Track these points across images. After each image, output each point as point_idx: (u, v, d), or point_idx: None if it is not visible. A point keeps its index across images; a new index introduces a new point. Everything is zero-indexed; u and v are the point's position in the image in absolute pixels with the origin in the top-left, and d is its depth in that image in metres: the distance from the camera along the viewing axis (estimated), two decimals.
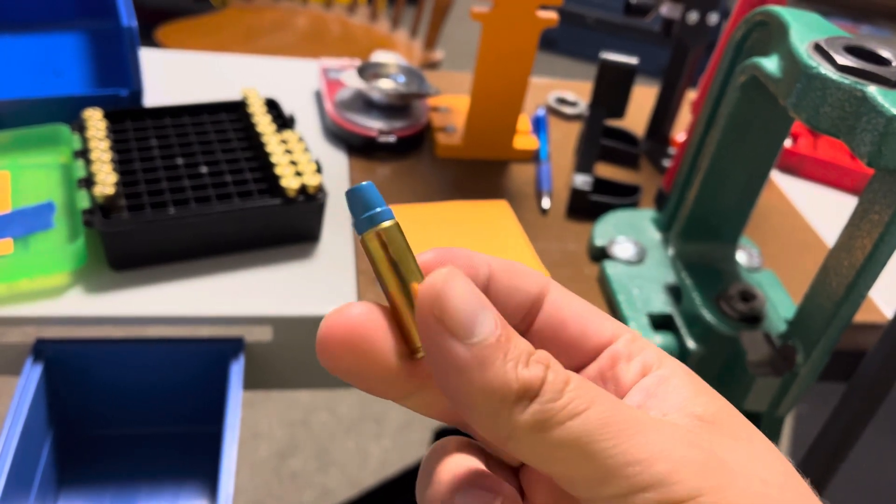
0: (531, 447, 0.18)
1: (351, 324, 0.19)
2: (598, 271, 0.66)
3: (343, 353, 0.19)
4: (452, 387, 0.18)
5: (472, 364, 0.18)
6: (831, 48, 0.43)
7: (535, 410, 0.18)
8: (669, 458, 0.18)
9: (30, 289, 0.57)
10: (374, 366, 0.19)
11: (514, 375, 0.18)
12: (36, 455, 0.57)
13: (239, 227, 0.62)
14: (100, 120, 0.66)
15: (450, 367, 0.18)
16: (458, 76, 0.94)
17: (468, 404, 0.18)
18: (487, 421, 0.18)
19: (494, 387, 0.18)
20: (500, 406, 0.18)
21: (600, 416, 0.18)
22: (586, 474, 0.18)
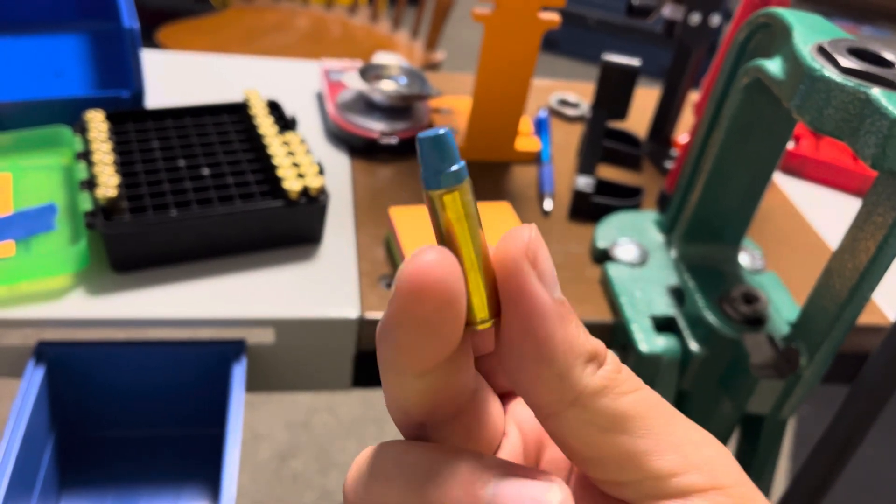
0: (593, 415, 0.18)
1: (449, 269, 0.17)
2: (600, 273, 0.66)
3: (438, 295, 0.17)
4: (536, 335, 0.18)
5: (556, 316, 0.18)
6: (835, 50, 0.43)
7: (602, 375, 0.18)
8: (716, 447, 0.19)
9: (31, 291, 0.57)
10: (451, 320, 0.17)
11: (586, 339, 0.19)
12: (38, 457, 0.56)
13: (241, 228, 0.62)
14: (101, 121, 0.66)
15: (537, 314, 0.18)
16: (460, 77, 0.94)
17: (545, 356, 0.18)
18: (558, 378, 0.18)
19: (574, 342, 0.18)
20: (574, 362, 0.18)
21: (652, 397, 0.19)
22: (637, 449, 0.18)
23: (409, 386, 0.19)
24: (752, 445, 0.61)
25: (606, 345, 0.66)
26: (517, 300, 0.18)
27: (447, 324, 0.17)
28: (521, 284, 0.18)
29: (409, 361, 0.18)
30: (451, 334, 0.18)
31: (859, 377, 0.56)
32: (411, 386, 0.19)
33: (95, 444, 0.63)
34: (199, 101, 0.74)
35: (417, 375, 0.19)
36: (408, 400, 0.20)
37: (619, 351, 0.62)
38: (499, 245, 0.18)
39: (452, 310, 0.17)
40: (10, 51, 0.81)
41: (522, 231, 0.18)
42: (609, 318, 0.63)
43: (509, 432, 0.23)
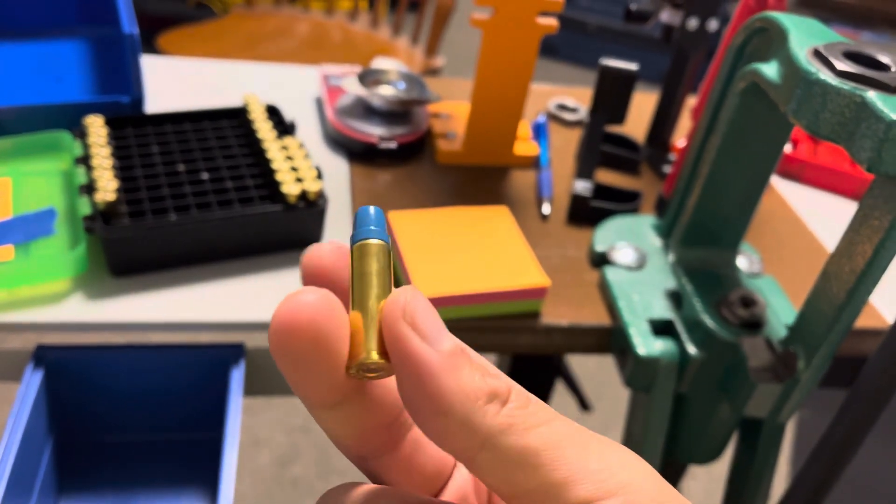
0: (503, 454, 0.18)
1: (321, 310, 0.18)
2: (598, 277, 0.66)
3: (307, 336, 0.18)
4: (425, 391, 0.18)
5: (445, 368, 0.18)
6: (830, 54, 0.43)
7: (506, 413, 0.19)
8: (633, 468, 0.19)
9: (31, 295, 0.57)
10: (329, 358, 0.18)
11: (483, 381, 0.19)
12: (36, 461, 0.56)
13: (240, 233, 0.62)
14: (101, 127, 0.66)
15: (423, 371, 0.18)
16: (459, 83, 0.94)
17: (441, 409, 0.18)
18: (460, 426, 0.18)
19: (468, 389, 0.18)
20: (474, 408, 0.18)
21: (563, 427, 0.19)
22: (552, 481, 0.18)
23: (321, 417, 0.20)
24: (750, 449, 0.61)
25: (604, 349, 0.66)
26: (404, 361, 0.18)
27: (320, 363, 0.18)
28: (402, 347, 0.18)
29: (302, 394, 0.19)
30: (327, 373, 0.18)
31: (857, 381, 0.56)
32: (323, 417, 0.20)
33: (94, 448, 0.63)
34: (198, 106, 0.74)
35: (319, 409, 0.19)
36: (330, 430, 0.20)
37: (617, 355, 0.62)
38: (384, 312, 0.19)
39: (322, 349, 0.18)
40: (11, 56, 0.82)
41: (399, 295, 0.19)
42: (607, 322, 0.63)
43: (459, 467, 0.23)
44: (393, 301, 0.19)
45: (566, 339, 0.63)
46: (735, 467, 0.62)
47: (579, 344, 0.64)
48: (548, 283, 0.61)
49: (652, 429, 0.59)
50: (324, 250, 0.20)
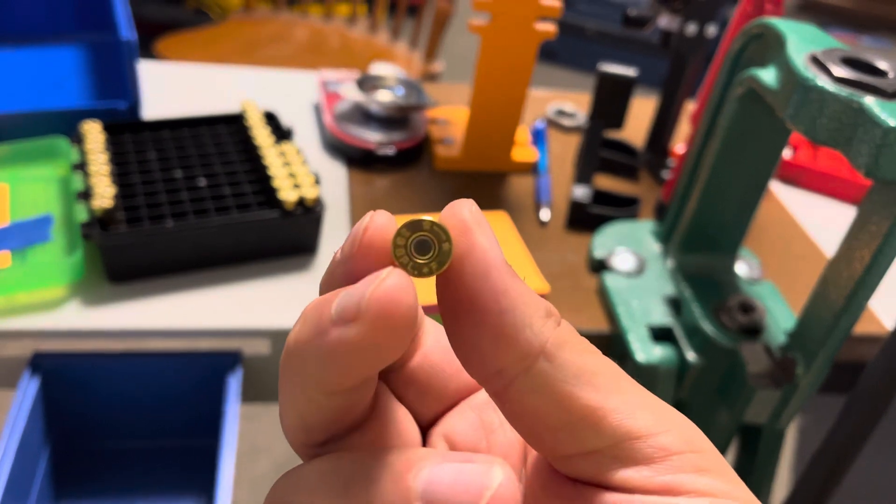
0: (560, 368, 0.17)
1: (414, 294, 0.16)
2: (597, 283, 0.66)
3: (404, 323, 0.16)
4: (491, 284, 0.17)
5: (510, 271, 0.17)
6: (828, 60, 0.43)
7: (564, 330, 0.18)
8: (675, 410, 0.18)
9: (27, 302, 0.57)
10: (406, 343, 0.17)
11: (539, 298, 0.18)
12: (33, 469, 0.56)
13: (237, 239, 0.62)
14: (98, 133, 0.66)
15: (490, 263, 0.17)
16: (458, 88, 0.94)
17: (505, 306, 0.17)
18: (521, 328, 0.17)
19: (530, 297, 0.17)
20: (535, 313, 0.17)
21: (610, 361, 0.18)
22: (608, 406, 0.17)
23: (323, 403, 0.18)
24: (750, 455, 0.60)
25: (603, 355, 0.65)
26: (468, 255, 0.17)
27: (402, 347, 0.16)
28: (471, 240, 0.17)
29: (339, 381, 0.17)
30: (398, 354, 0.17)
31: (857, 387, 0.56)
32: (325, 403, 0.18)
33: (91, 455, 0.63)
34: (196, 112, 0.74)
35: (341, 392, 0.17)
36: (315, 417, 0.18)
37: (616, 361, 0.62)
38: (443, 215, 0.18)
39: (411, 334, 0.17)
40: (8, 62, 0.82)
41: (463, 202, 0.18)
42: (606, 328, 0.63)
43: (437, 446, 0.21)
44: (459, 204, 0.18)
45: None
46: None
47: None
48: (547, 290, 0.60)
49: None
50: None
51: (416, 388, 0.21)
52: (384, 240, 0.17)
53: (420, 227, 0.17)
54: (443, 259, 0.17)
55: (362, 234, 0.17)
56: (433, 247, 0.17)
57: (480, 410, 0.22)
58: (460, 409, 0.22)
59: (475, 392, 0.23)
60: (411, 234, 0.17)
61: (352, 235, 0.18)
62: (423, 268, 0.17)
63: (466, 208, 0.18)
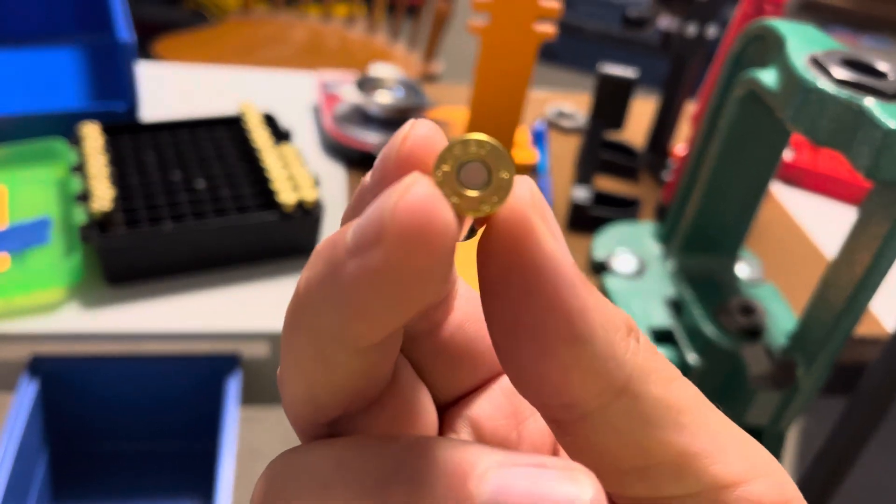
0: (644, 406, 0.14)
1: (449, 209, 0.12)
2: (597, 285, 0.66)
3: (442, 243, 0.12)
4: (566, 309, 0.13)
5: (583, 282, 0.14)
6: (828, 61, 0.43)
7: (647, 353, 0.14)
8: (762, 447, 0.15)
9: (26, 305, 0.57)
10: (447, 272, 0.13)
11: (615, 307, 0.15)
12: (32, 471, 0.56)
13: (236, 241, 0.62)
14: (97, 135, 0.66)
15: (563, 282, 0.13)
16: (457, 89, 0.94)
17: (581, 333, 0.13)
18: (602, 359, 0.14)
19: (609, 312, 0.14)
20: (615, 336, 0.14)
21: (691, 386, 0.15)
22: (694, 451, 0.14)
23: (340, 366, 0.14)
24: None
25: None
26: (533, 267, 0.13)
27: (440, 280, 0.13)
28: (535, 247, 0.13)
29: (362, 331, 0.13)
30: (439, 289, 0.13)
31: (858, 389, 0.56)
32: (343, 365, 0.14)
33: (90, 458, 0.63)
34: (195, 112, 0.74)
35: (363, 350, 0.14)
36: (328, 387, 0.15)
37: None
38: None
39: (450, 262, 0.13)
40: (6, 64, 0.82)
41: (521, 182, 0.14)
42: None
43: (460, 431, 0.18)
44: (517, 189, 0.14)
45: None
46: None
47: None
48: None
49: None
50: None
51: (443, 361, 0.18)
52: (429, 156, 0.13)
53: (471, 148, 0.13)
54: (502, 194, 0.13)
55: (399, 146, 0.14)
56: (489, 177, 0.13)
57: (512, 396, 0.19)
58: (489, 390, 0.19)
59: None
60: (460, 157, 0.13)
61: (385, 151, 0.14)
62: (478, 203, 0.13)
63: (526, 191, 0.14)
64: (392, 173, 0.14)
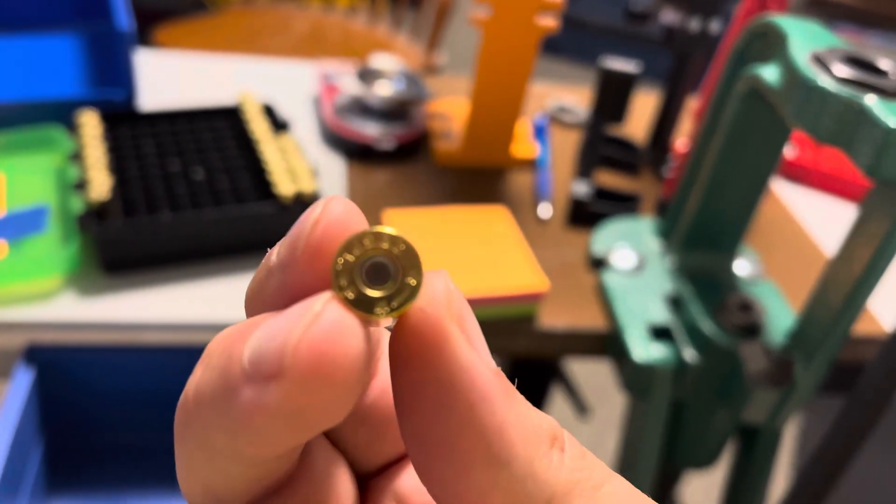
0: None
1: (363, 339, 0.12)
2: (596, 280, 0.66)
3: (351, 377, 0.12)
4: (482, 427, 0.12)
5: (503, 395, 0.13)
6: (830, 59, 0.42)
7: (571, 465, 0.13)
8: None
9: (23, 292, 0.57)
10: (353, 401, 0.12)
11: (536, 415, 0.13)
12: (27, 460, 0.56)
13: (234, 232, 0.62)
14: (95, 123, 0.66)
15: (479, 397, 0.12)
16: (459, 81, 0.94)
17: (502, 454, 0.12)
18: (522, 480, 0.13)
19: (531, 426, 0.13)
20: (537, 453, 0.13)
21: (625, 487, 0.14)
22: None
23: (234, 475, 0.13)
24: (747, 455, 0.60)
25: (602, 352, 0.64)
26: (446, 380, 0.12)
27: (344, 411, 0.12)
28: (448, 357, 0.12)
29: (254, 454, 0.12)
30: (339, 419, 0.12)
31: (856, 387, 0.55)
32: (237, 474, 0.13)
33: (86, 448, 0.63)
34: (194, 101, 0.73)
35: (254, 466, 0.13)
36: (225, 488, 0.14)
37: (614, 359, 0.61)
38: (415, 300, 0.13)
39: (357, 393, 0.12)
40: (4, 51, 0.81)
41: (435, 278, 0.13)
42: (603, 327, 0.62)
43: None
44: (431, 289, 0.13)
45: (563, 343, 0.63)
46: (732, 473, 0.62)
47: (576, 348, 0.63)
48: (546, 288, 0.60)
49: (649, 434, 0.58)
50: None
51: (366, 431, 0.16)
52: (341, 241, 0.13)
53: (382, 243, 0.12)
54: (405, 298, 0.12)
55: (310, 230, 0.13)
56: (392, 276, 0.12)
57: None
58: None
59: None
60: (364, 251, 0.12)
61: (295, 230, 0.13)
62: (375, 304, 0.12)
63: (441, 289, 0.13)
64: (299, 260, 0.13)
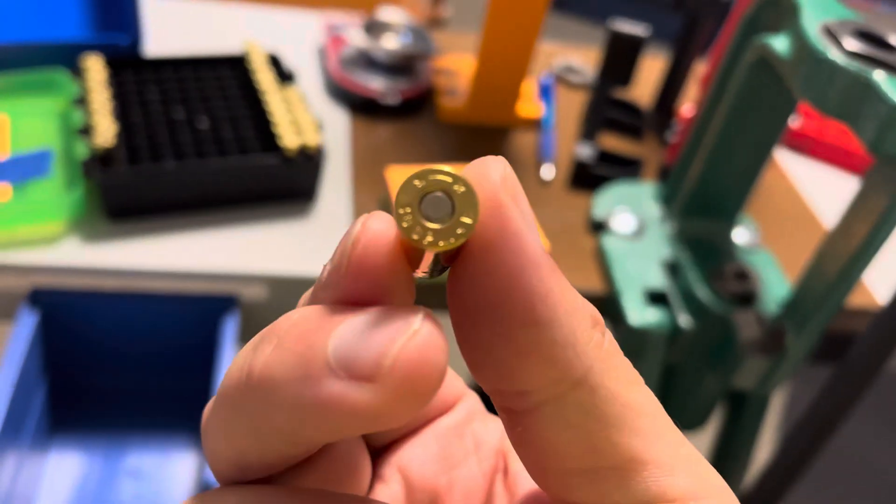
0: (601, 400, 0.14)
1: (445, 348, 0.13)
2: (595, 243, 0.67)
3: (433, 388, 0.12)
4: (531, 291, 0.13)
5: (551, 267, 0.13)
6: (841, 32, 0.42)
7: (609, 345, 0.14)
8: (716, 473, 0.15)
9: (27, 236, 0.57)
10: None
11: (583, 301, 0.14)
12: (30, 400, 0.57)
13: (237, 182, 0.62)
14: (100, 68, 0.65)
15: (529, 263, 0.13)
16: (466, 37, 0.93)
17: (546, 317, 0.13)
18: (563, 344, 0.13)
19: (574, 300, 0.14)
20: (580, 325, 0.14)
21: (651, 395, 0.15)
22: (646, 458, 0.14)
23: (278, 450, 0.14)
24: (735, 419, 0.62)
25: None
26: (498, 244, 0.13)
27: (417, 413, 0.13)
28: (504, 225, 0.13)
29: (315, 437, 0.13)
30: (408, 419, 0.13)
31: (845, 358, 0.56)
32: (281, 450, 0.14)
33: (87, 390, 0.64)
34: (199, 49, 0.73)
35: (304, 445, 0.14)
36: (260, 459, 0.14)
37: (608, 323, 0.62)
38: (467, 174, 0.14)
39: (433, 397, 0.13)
40: None
41: (494, 161, 0.14)
42: (600, 289, 0.63)
43: (389, 480, 0.18)
44: (488, 168, 0.13)
45: None
46: (719, 436, 0.63)
47: None
48: (546, 248, 0.61)
49: None
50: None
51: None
52: (383, 256, 0.13)
53: (436, 180, 0.13)
54: (462, 234, 0.13)
55: (351, 250, 0.13)
56: (451, 211, 0.13)
57: (444, 440, 0.19)
58: (422, 435, 0.19)
59: (441, 416, 0.20)
60: (423, 188, 0.13)
61: (339, 251, 0.14)
62: (439, 238, 0.13)
63: (498, 170, 0.13)
64: (345, 278, 0.13)
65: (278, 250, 0.61)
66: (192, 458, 0.62)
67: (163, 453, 0.62)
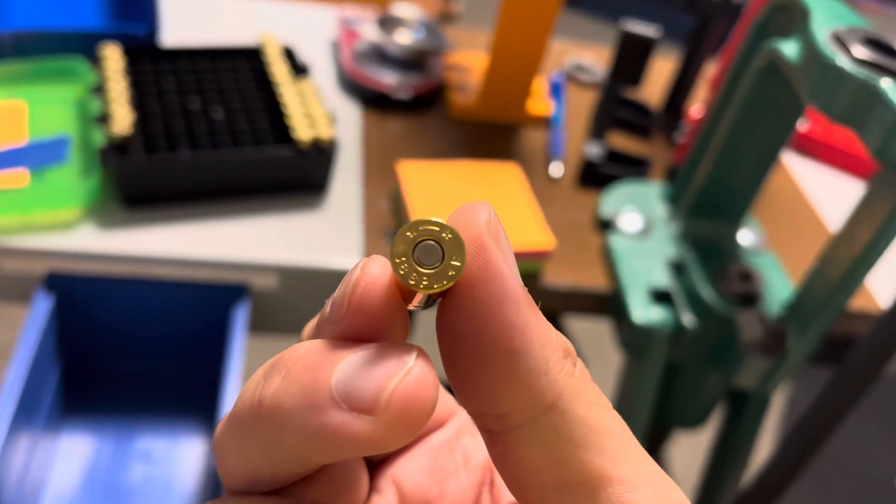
0: (570, 424, 0.15)
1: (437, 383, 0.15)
2: (602, 242, 0.67)
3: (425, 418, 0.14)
4: (506, 320, 0.15)
5: (528, 302, 0.15)
6: (850, 39, 0.43)
7: (580, 377, 0.15)
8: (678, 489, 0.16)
9: (44, 221, 0.58)
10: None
11: (557, 334, 0.16)
12: (44, 383, 0.58)
13: (251, 173, 0.63)
14: (118, 57, 0.66)
15: (507, 294, 0.15)
16: (478, 34, 0.93)
17: (519, 347, 0.15)
18: (535, 374, 0.15)
19: (548, 334, 0.15)
20: (552, 355, 0.15)
21: (618, 417, 0.16)
22: (613, 476, 0.15)
23: (286, 468, 0.16)
24: (735, 418, 0.62)
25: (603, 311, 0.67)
26: (481, 281, 0.15)
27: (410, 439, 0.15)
28: (486, 262, 0.15)
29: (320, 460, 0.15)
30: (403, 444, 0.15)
31: (845, 360, 0.57)
32: (294, 469, 0.16)
33: (100, 375, 0.65)
34: (214, 40, 0.74)
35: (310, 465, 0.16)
36: (269, 476, 0.16)
37: (614, 319, 0.63)
38: (454, 220, 0.15)
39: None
40: None
41: (479, 207, 0.15)
42: (605, 287, 0.64)
43: (385, 491, 0.20)
44: (474, 212, 0.15)
45: (566, 300, 0.64)
46: (719, 435, 0.64)
47: (578, 306, 0.65)
48: (553, 246, 0.61)
49: (642, 393, 0.60)
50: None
51: None
52: (380, 297, 0.15)
53: (427, 230, 0.15)
54: (452, 276, 0.15)
55: (351, 292, 0.15)
56: (441, 257, 0.15)
57: (435, 454, 0.21)
58: (415, 450, 0.21)
59: (433, 433, 0.21)
60: (415, 238, 0.15)
61: (340, 291, 0.15)
62: (432, 282, 0.15)
63: (483, 216, 0.15)
64: (345, 317, 0.15)
65: (289, 241, 0.62)
66: (201, 442, 0.64)
67: (172, 437, 0.63)
